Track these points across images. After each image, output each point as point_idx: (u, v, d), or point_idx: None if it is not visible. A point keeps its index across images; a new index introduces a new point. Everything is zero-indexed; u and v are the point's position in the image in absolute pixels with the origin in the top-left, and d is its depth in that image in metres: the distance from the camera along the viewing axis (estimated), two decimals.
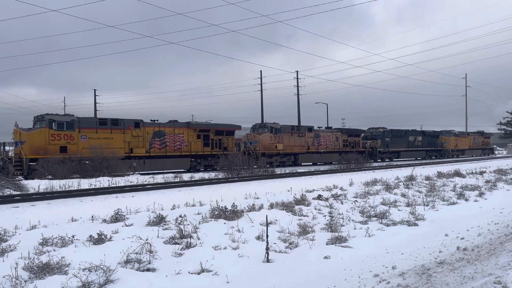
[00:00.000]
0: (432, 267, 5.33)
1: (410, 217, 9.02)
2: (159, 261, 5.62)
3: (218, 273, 5.31)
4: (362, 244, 6.76)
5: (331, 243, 6.84)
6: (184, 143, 27.53)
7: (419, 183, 14.83)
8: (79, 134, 22.81)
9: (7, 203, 10.92)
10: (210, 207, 8.48)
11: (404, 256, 6.03)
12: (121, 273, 5.04)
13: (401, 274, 5.03)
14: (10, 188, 14.57)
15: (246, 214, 8.26)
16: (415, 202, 10.68)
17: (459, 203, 11.27)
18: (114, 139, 24.02)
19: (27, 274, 4.86)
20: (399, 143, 44.67)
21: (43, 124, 21.94)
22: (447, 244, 6.69)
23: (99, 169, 20.99)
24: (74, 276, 4.68)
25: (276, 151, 32.84)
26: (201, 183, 16.84)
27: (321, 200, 10.28)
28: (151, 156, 25.59)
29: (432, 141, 49.82)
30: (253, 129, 34.03)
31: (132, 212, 8.54)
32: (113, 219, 7.60)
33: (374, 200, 10.58)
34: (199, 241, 6.50)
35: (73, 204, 10.76)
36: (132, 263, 5.44)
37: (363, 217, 8.92)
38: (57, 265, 5.08)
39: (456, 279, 4.71)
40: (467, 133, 58.82)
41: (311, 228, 7.68)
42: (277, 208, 9.12)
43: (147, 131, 25.70)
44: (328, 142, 38.12)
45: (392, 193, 12.27)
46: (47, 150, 21.48)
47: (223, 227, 7.35)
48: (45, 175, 19.73)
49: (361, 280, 4.95)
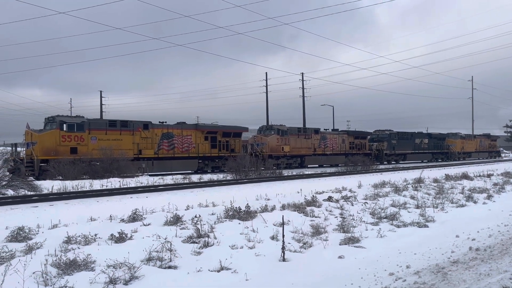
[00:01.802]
0: (446, 266, 5.49)
1: (420, 218, 9.16)
2: (180, 259, 5.80)
3: (237, 271, 5.49)
4: (374, 245, 6.92)
5: (344, 243, 7.00)
6: (192, 144, 27.78)
7: (428, 186, 14.95)
8: (89, 135, 23.13)
9: (26, 203, 11.20)
10: (224, 208, 8.67)
11: (417, 256, 6.18)
12: (144, 270, 5.23)
13: (416, 273, 5.19)
14: (24, 189, 14.85)
15: (260, 214, 8.45)
16: (424, 204, 10.82)
17: (468, 206, 11.39)
18: (123, 140, 24.31)
19: (56, 271, 5.06)
20: (405, 146, 44.71)
21: (54, 125, 22.27)
22: (459, 245, 6.84)
23: (109, 170, 21.28)
24: (102, 272, 4.88)
25: (283, 153, 33.02)
26: (212, 185, 17.06)
27: (332, 201, 10.45)
28: (160, 158, 25.86)
29: (439, 144, 49.79)
30: (259, 131, 34.24)
31: (148, 212, 8.74)
32: (130, 218, 7.82)
33: (384, 202, 10.72)
34: (216, 240, 6.69)
35: (90, 204, 11.00)
36: (154, 261, 5.64)
37: (374, 218, 9.07)
38: (84, 262, 5.28)
39: (472, 276, 4.87)
40: (473, 136, 58.72)
41: (324, 228, 7.85)
42: (289, 209, 9.30)
43: (155, 132, 25.98)
44: (335, 144, 38.24)
45: (401, 195, 12.41)
46: (58, 151, 21.80)
47: (238, 227, 7.53)
48: (56, 176, 20.02)
49: (377, 279, 5.12)
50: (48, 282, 4.71)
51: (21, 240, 6.20)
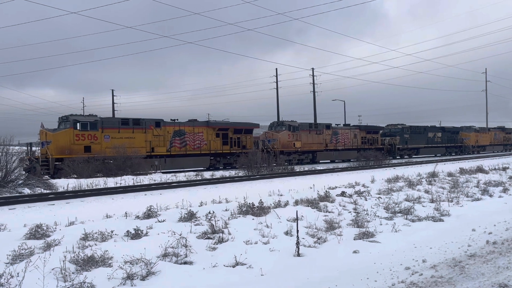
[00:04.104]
0: (463, 259, 5.44)
1: (435, 213, 9.08)
2: (195, 254, 5.85)
3: (252, 266, 5.52)
4: (389, 239, 6.88)
5: (359, 238, 6.98)
6: (204, 141, 27.89)
7: (442, 180, 14.80)
8: (102, 134, 23.36)
9: (43, 201, 11.40)
10: (237, 204, 8.70)
11: (433, 251, 6.13)
12: (161, 266, 5.30)
13: (433, 267, 5.16)
14: (40, 187, 15.11)
15: (273, 210, 8.46)
16: (439, 198, 10.71)
17: (483, 199, 11.26)
18: (136, 138, 24.51)
19: (74, 267, 5.15)
20: (418, 140, 44.24)
21: (68, 124, 22.55)
22: (475, 239, 6.77)
23: (123, 168, 21.47)
24: (120, 268, 4.96)
25: (294, 148, 32.95)
26: (224, 181, 17.13)
27: (345, 196, 10.41)
28: (172, 155, 26.02)
29: (452, 137, 49.17)
30: (270, 127, 34.20)
31: (162, 208, 8.81)
32: (145, 215, 7.89)
33: (398, 197, 10.66)
34: (230, 236, 6.72)
35: (105, 201, 11.15)
36: (169, 257, 5.69)
37: (388, 213, 9.03)
38: (101, 258, 5.36)
39: (490, 269, 4.83)
40: (487, 129, 57.83)
41: (338, 224, 7.83)
42: (302, 205, 9.30)
43: (167, 130, 26.13)
44: (346, 139, 38.03)
45: (415, 189, 12.32)
46: (72, 150, 22.08)
47: (251, 223, 7.56)
48: (70, 174, 20.29)
49: (393, 273, 5.10)
50: (67, 278, 4.79)
51: (39, 238, 6.31)
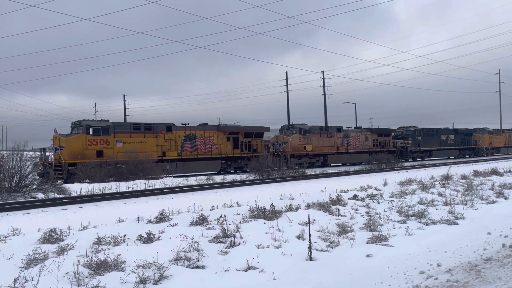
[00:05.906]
0: (479, 263, 5.35)
1: (449, 216, 8.96)
2: (207, 259, 5.85)
3: (264, 270, 5.49)
4: (403, 243, 6.80)
5: (372, 242, 6.91)
6: (215, 145, 27.96)
7: (456, 182, 14.60)
8: (114, 138, 23.57)
9: (57, 205, 11.54)
10: (248, 208, 8.68)
11: (447, 254, 6.04)
12: (173, 270, 5.30)
13: (448, 271, 5.08)
14: (54, 192, 15.29)
15: (285, 214, 8.42)
16: (453, 201, 10.56)
17: (498, 202, 11.07)
18: (148, 143, 24.68)
19: (87, 271, 5.18)
20: (430, 142, 43.76)
21: (80, 129, 22.81)
22: (491, 242, 6.65)
23: (135, 172, 21.63)
24: (132, 272, 4.97)
25: (305, 152, 32.84)
26: (235, 185, 17.14)
27: (357, 200, 10.33)
28: (183, 159, 26.13)
29: (465, 139, 48.53)
30: (281, 131, 34.16)
31: (174, 212, 8.84)
32: (157, 219, 7.92)
33: (411, 200, 10.53)
34: (242, 240, 6.70)
35: (118, 206, 11.23)
36: (182, 261, 5.70)
37: (401, 216, 8.92)
38: (114, 262, 5.39)
39: (507, 273, 4.73)
40: (501, 131, 56.95)
41: (350, 227, 7.77)
42: (314, 208, 9.24)
43: (178, 134, 26.27)
44: (358, 142, 37.79)
45: (429, 192, 12.17)
46: (84, 154, 22.31)
47: (263, 226, 7.53)
48: (83, 179, 20.51)
49: (407, 277, 5.03)
50: (80, 282, 4.82)
51: (53, 242, 6.36)
